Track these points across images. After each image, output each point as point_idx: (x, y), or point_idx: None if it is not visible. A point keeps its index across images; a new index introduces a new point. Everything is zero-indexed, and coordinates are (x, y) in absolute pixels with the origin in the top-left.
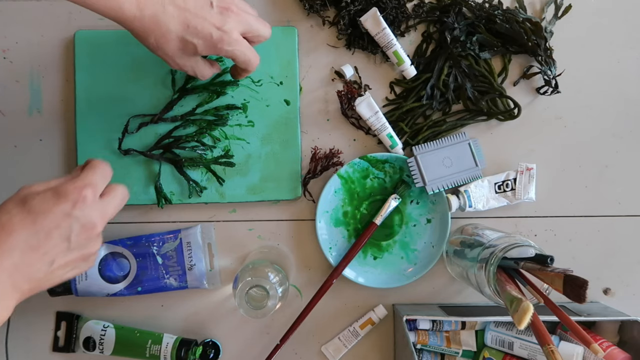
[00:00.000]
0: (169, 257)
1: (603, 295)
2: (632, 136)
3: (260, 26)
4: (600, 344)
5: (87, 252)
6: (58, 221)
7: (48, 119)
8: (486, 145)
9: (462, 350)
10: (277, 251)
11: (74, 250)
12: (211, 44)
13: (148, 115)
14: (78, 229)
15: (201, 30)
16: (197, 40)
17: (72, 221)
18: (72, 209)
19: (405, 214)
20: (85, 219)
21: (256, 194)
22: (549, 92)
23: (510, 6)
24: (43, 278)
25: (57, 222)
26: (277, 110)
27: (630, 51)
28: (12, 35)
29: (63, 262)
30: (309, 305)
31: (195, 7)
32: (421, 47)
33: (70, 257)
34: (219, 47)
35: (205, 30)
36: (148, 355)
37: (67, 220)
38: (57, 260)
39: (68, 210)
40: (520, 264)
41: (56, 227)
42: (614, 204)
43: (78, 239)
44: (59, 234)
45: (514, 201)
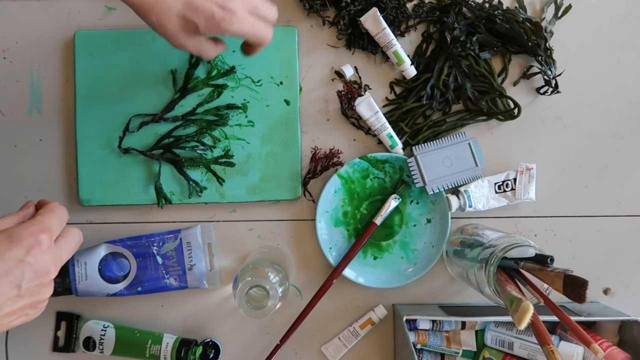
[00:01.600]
0: (169, 257)
1: (603, 295)
2: (632, 136)
3: (267, 8)
4: (600, 344)
5: (38, 300)
6: (9, 267)
7: (48, 119)
8: (486, 145)
9: (462, 350)
10: (277, 251)
11: (23, 297)
12: (213, 23)
13: (149, 114)
14: (30, 275)
15: (203, 9)
16: (199, 19)
17: (25, 268)
18: (25, 255)
19: (405, 214)
20: (38, 265)
21: (256, 194)
22: (549, 92)
23: (510, 6)
24: None
25: (9, 268)
26: (277, 110)
27: (630, 51)
28: (12, 35)
29: (10, 310)
30: (309, 305)
31: None
32: (421, 47)
33: (18, 305)
34: (222, 27)
35: (207, 9)
36: (148, 355)
37: (20, 267)
38: (4, 308)
39: (21, 256)
40: (520, 264)
41: (7, 273)
42: (614, 204)
43: (29, 286)
44: (9, 281)
45: (514, 201)
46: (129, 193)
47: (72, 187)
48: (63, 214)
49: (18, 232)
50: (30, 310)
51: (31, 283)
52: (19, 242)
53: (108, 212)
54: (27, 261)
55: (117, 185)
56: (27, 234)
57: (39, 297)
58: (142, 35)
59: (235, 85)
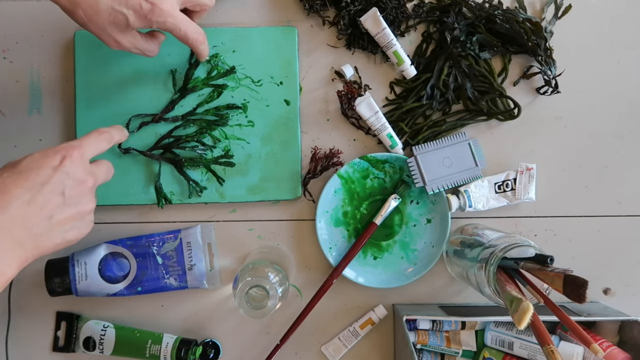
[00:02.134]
0: (169, 257)
1: (603, 295)
2: (632, 136)
3: None
4: (600, 344)
5: (83, 209)
6: (48, 176)
7: (48, 119)
8: (486, 145)
9: (462, 350)
10: (277, 251)
11: (69, 205)
12: (142, 15)
13: (149, 115)
14: (70, 183)
15: (130, 1)
16: (127, 10)
17: (62, 175)
18: (60, 164)
19: (405, 214)
20: (75, 173)
21: (256, 194)
22: (549, 92)
23: (510, 6)
24: (44, 234)
25: (47, 176)
26: (277, 110)
27: (630, 51)
28: (12, 35)
29: (61, 217)
30: (309, 305)
31: None
32: (421, 47)
33: (67, 213)
34: (149, 19)
35: (134, 1)
36: (148, 355)
37: (57, 175)
38: (54, 215)
39: (56, 164)
40: (520, 264)
41: (47, 181)
42: (614, 204)
43: (71, 194)
44: (51, 188)
45: (514, 201)
46: (129, 193)
47: None
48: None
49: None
50: (78, 222)
51: (73, 190)
52: (53, 154)
53: (108, 212)
54: (63, 169)
55: (117, 185)
56: (59, 148)
57: (83, 206)
58: None
59: (235, 85)
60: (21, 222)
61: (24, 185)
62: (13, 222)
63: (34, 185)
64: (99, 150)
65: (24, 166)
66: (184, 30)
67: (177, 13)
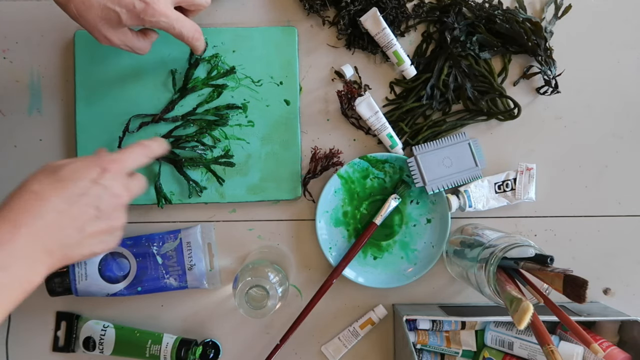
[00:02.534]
0: (169, 257)
1: (603, 295)
2: (632, 136)
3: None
4: (600, 344)
5: (114, 225)
6: (86, 188)
7: (48, 119)
8: (486, 145)
9: (462, 350)
10: (277, 251)
11: (102, 219)
12: (134, 14)
13: (149, 115)
14: (106, 197)
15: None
16: (120, 8)
17: (100, 189)
18: (99, 177)
19: (405, 214)
20: (111, 188)
21: (256, 194)
22: (549, 92)
23: (510, 6)
24: (74, 245)
25: (85, 188)
26: (277, 110)
27: (630, 51)
28: (12, 35)
29: (92, 230)
30: (309, 305)
31: None
32: (421, 47)
33: (99, 227)
34: (141, 18)
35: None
36: (148, 355)
37: (95, 188)
38: (86, 227)
39: (95, 177)
40: (520, 264)
41: (84, 193)
42: (614, 204)
43: (106, 208)
44: (88, 201)
45: (514, 201)
46: None
47: None
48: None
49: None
50: (107, 236)
51: (107, 204)
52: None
53: None
54: (101, 183)
55: None
56: (99, 161)
57: (115, 221)
58: None
59: (235, 85)
60: (54, 231)
61: (62, 194)
62: (46, 230)
63: (72, 196)
64: (138, 165)
65: (64, 175)
66: (178, 28)
67: (170, 12)
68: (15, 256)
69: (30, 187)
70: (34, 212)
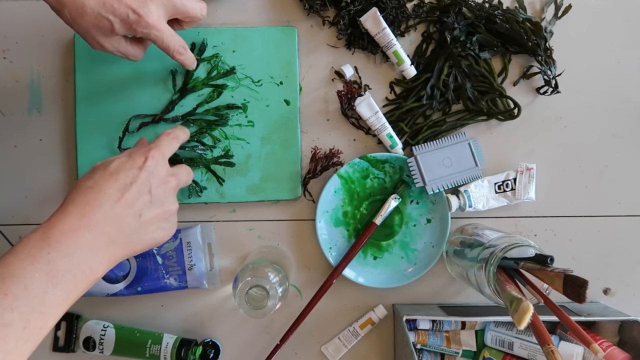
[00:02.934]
0: (169, 257)
1: (603, 295)
2: (632, 136)
3: (190, 7)
4: (600, 344)
5: (168, 209)
6: (135, 175)
7: (48, 119)
8: (486, 145)
9: (462, 350)
10: (277, 251)
11: (155, 204)
12: (127, 24)
13: (149, 115)
14: (155, 181)
15: (117, 10)
16: (114, 17)
17: (148, 174)
18: (143, 164)
19: (405, 214)
20: (158, 173)
21: (256, 194)
22: (549, 92)
23: (510, 6)
24: (134, 233)
25: (134, 176)
26: (277, 110)
27: (630, 51)
28: (12, 35)
29: (149, 216)
30: (309, 305)
31: None
32: (421, 47)
33: (154, 212)
34: (134, 29)
35: (121, 10)
36: (148, 355)
37: (143, 174)
38: (143, 213)
39: (140, 164)
40: (520, 264)
41: (135, 180)
42: (614, 204)
43: (157, 192)
44: (139, 188)
45: (514, 201)
46: None
47: None
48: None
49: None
50: (164, 222)
51: (158, 189)
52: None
53: None
54: (147, 169)
55: None
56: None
57: (168, 206)
58: None
59: (235, 85)
60: (113, 220)
61: (115, 185)
62: (107, 220)
63: (124, 185)
64: (173, 149)
65: (113, 168)
66: (166, 42)
67: (162, 26)
68: (79, 245)
69: (86, 184)
70: (93, 204)
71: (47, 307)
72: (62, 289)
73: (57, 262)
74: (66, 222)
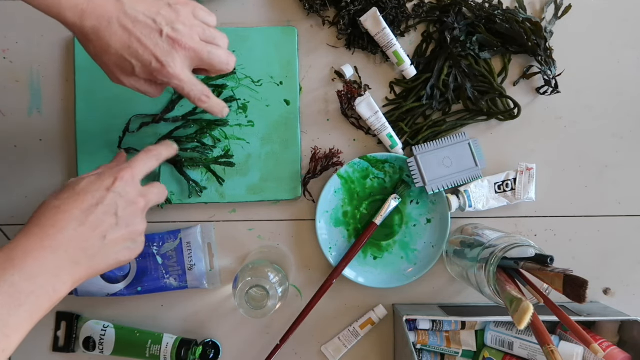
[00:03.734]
0: (169, 257)
1: (603, 295)
2: (632, 136)
3: (217, 61)
4: (600, 344)
5: (134, 230)
6: (101, 197)
7: (48, 119)
8: (486, 145)
9: (462, 350)
10: (277, 251)
11: (121, 226)
12: (149, 70)
13: (149, 115)
14: (122, 204)
15: (142, 56)
16: (136, 62)
17: (115, 196)
18: (112, 185)
19: (405, 214)
20: (126, 195)
21: (256, 194)
22: (549, 92)
23: (510, 6)
24: (98, 254)
25: (101, 197)
26: (277, 110)
27: (630, 51)
28: (12, 35)
29: (114, 237)
30: (309, 305)
31: (142, 32)
32: (421, 47)
33: (119, 233)
34: (154, 76)
35: (145, 57)
36: (148, 355)
37: (110, 196)
38: (108, 235)
39: (108, 185)
40: (520, 264)
41: (101, 202)
42: (614, 204)
43: (124, 214)
44: (105, 209)
45: (514, 201)
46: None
47: None
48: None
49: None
50: (130, 243)
51: (125, 211)
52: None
53: None
54: (115, 190)
55: None
56: (111, 171)
57: (135, 227)
58: None
59: (235, 85)
60: (77, 242)
61: (81, 206)
62: (70, 242)
63: (89, 206)
64: (149, 169)
65: (81, 188)
66: (187, 91)
67: (184, 76)
68: (42, 267)
69: (52, 203)
70: (57, 226)
71: (10, 328)
72: (25, 310)
73: (20, 284)
74: (30, 243)
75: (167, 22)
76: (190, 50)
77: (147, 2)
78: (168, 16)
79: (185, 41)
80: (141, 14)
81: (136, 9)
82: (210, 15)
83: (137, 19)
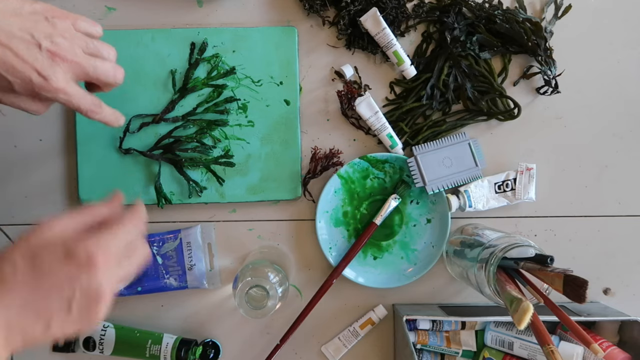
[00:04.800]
0: (169, 257)
1: (603, 295)
2: (632, 136)
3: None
4: (600, 344)
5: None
6: (61, 283)
7: (48, 119)
8: (486, 145)
9: (462, 350)
10: (277, 251)
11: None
12: (31, 87)
13: (149, 115)
14: (81, 296)
15: (20, 71)
16: (14, 79)
17: (76, 287)
18: (78, 273)
19: (405, 214)
20: (91, 287)
21: (256, 194)
22: (549, 92)
23: (510, 6)
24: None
25: (60, 284)
26: (277, 110)
27: (630, 51)
28: None
29: (60, 325)
30: (309, 305)
31: (18, 47)
32: (421, 47)
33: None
34: (37, 92)
35: (25, 73)
36: (148, 355)
37: (71, 285)
38: (53, 323)
39: (74, 273)
40: (520, 264)
41: (58, 288)
42: (614, 204)
43: (79, 307)
44: (60, 297)
45: (514, 201)
46: (129, 193)
47: (72, 187)
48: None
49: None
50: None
51: (81, 303)
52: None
53: None
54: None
55: (117, 185)
56: (83, 252)
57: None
58: (142, 36)
59: (235, 85)
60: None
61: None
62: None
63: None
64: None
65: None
66: (76, 104)
67: (70, 89)
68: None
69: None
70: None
71: None
72: None
73: None
74: None
75: (45, 36)
76: (72, 63)
77: (22, 17)
78: (46, 30)
79: (66, 54)
80: (16, 28)
81: (10, 23)
82: (93, 25)
83: (12, 33)
